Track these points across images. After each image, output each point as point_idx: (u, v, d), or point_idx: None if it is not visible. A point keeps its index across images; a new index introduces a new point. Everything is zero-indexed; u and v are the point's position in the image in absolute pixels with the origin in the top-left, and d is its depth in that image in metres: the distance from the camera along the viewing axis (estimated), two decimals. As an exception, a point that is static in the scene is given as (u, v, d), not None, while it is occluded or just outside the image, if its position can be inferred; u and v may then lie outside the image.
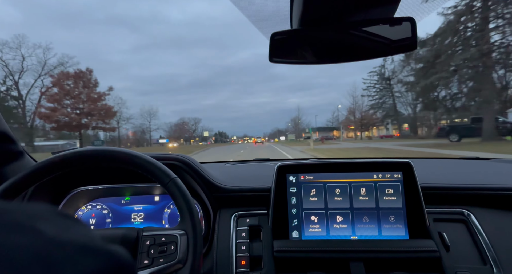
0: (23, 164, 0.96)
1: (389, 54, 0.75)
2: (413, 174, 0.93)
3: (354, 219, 0.92)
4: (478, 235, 0.90)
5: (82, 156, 0.69)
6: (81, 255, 0.23)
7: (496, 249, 0.86)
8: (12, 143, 0.86)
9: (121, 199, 1.13)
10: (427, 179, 1.02)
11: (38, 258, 0.21)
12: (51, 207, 0.27)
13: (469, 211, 0.96)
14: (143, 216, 1.11)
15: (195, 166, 1.03)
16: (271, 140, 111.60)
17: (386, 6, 0.66)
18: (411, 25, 0.69)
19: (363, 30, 0.72)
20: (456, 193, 0.99)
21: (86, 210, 1.10)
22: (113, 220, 1.10)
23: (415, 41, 0.70)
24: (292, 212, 0.93)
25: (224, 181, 1.06)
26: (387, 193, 0.92)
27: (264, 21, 0.88)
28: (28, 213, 0.25)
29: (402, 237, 0.89)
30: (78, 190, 1.09)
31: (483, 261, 0.85)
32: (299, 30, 0.75)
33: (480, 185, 0.99)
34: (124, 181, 1.11)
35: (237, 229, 0.95)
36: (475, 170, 1.34)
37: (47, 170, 0.67)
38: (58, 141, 32.68)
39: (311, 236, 0.91)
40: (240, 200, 1.02)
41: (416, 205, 0.91)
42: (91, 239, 0.26)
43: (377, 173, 0.94)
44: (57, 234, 0.24)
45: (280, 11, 0.76)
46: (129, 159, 0.68)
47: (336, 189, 0.94)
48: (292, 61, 0.80)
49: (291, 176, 0.96)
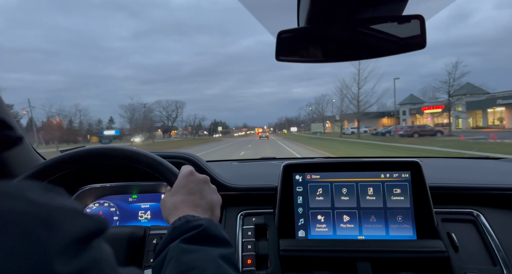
0: (22, 150, 0.97)
1: (397, 53, 0.74)
2: (421, 173, 0.91)
3: (361, 218, 0.91)
4: (488, 235, 0.88)
5: (90, 153, 0.69)
6: (75, 216, 0.26)
7: (506, 250, 0.85)
8: (11, 128, 0.87)
9: (128, 196, 1.14)
10: (436, 178, 1.01)
11: (38, 219, 0.24)
12: (36, 182, 0.29)
13: (478, 211, 0.94)
14: (150, 214, 1.12)
15: (201, 165, 1.04)
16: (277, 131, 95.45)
17: (394, 4, 0.66)
18: (420, 23, 0.68)
19: (371, 28, 0.71)
20: (465, 193, 0.97)
21: (94, 208, 1.12)
22: (120, 218, 1.11)
23: (424, 39, 0.69)
24: (298, 211, 0.93)
25: (230, 179, 1.06)
26: (395, 193, 0.91)
27: (270, 19, 0.88)
28: (15, 186, 0.27)
29: (409, 237, 0.88)
30: (85, 187, 1.11)
31: (493, 262, 0.84)
32: (306, 28, 0.74)
33: (489, 185, 0.98)
34: (131, 179, 1.12)
35: (243, 228, 0.95)
36: (485, 169, 1.32)
37: (56, 167, 0.68)
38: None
39: (317, 236, 0.91)
40: (246, 198, 1.02)
41: (424, 205, 0.90)
42: (78, 206, 0.29)
43: (385, 173, 0.93)
44: (47, 201, 0.26)
45: (287, 9, 0.76)
46: (136, 157, 0.69)
47: (343, 188, 0.93)
48: (299, 60, 0.79)
49: (297, 175, 0.95)
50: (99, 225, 0.28)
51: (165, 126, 61.71)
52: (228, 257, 0.47)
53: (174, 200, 0.59)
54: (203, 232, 0.49)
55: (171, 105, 64.65)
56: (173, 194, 0.60)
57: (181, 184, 0.61)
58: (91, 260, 0.25)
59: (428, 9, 0.80)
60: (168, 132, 60.56)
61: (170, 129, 61.71)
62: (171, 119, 63.99)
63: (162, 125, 61.17)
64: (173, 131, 62.89)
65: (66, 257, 0.23)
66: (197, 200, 0.59)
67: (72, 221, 0.26)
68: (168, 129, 61.26)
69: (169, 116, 63.67)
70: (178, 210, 0.56)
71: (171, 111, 64.40)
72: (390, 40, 0.73)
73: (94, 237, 0.27)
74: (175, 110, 65.18)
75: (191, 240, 0.48)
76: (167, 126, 61.86)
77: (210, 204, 0.61)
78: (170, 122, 63.01)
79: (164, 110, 63.36)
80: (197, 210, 0.57)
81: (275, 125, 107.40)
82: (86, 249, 0.25)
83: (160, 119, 62.46)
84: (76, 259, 0.24)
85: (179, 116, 66.86)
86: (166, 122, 62.75)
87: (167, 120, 63.64)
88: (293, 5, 0.72)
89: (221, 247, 0.49)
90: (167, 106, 63.93)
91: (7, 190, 0.26)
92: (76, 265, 0.23)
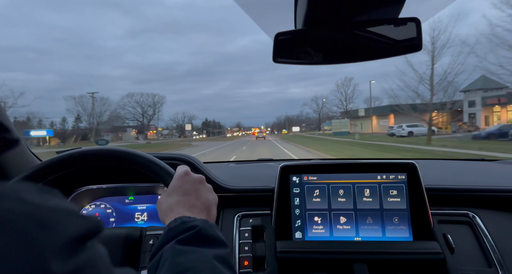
0: (18, 152, 0.96)
1: (393, 55, 0.75)
2: (417, 175, 0.92)
3: (357, 220, 0.91)
4: (483, 237, 0.89)
5: (85, 155, 0.69)
6: (70, 217, 0.27)
7: (501, 251, 0.85)
8: (6, 130, 0.87)
9: (124, 198, 1.13)
10: (432, 180, 1.01)
11: (34, 220, 0.24)
12: (31, 183, 0.30)
13: (474, 213, 0.95)
14: (146, 216, 1.12)
15: (198, 166, 1.04)
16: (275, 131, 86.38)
17: (390, 7, 0.66)
18: (416, 26, 0.68)
19: (367, 30, 0.72)
20: (461, 195, 0.98)
21: (90, 209, 1.11)
22: (116, 219, 1.11)
23: (420, 42, 0.70)
24: (295, 213, 0.93)
25: (227, 181, 1.06)
26: (391, 194, 0.92)
27: (268, 21, 0.88)
28: (11, 187, 0.27)
29: (406, 238, 0.89)
30: (82, 189, 1.10)
31: (488, 264, 0.84)
32: (303, 31, 0.75)
33: (485, 187, 0.98)
34: (128, 181, 1.12)
35: (240, 229, 0.95)
36: (480, 171, 1.33)
37: (52, 168, 0.68)
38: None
39: (314, 237, 0.91)
40: (243, 200, 1.02)
41: (420, 206, 0.90)
42: (73, 207, 0.29)
43: (381, 174, 0.93)
44: (42, 202, 0.26)
45: (284, 11, 0.76)
46: (132, 158, 0.69)
47: (340, 190, 0.93)
48: (296, 62, 0.80)
49: (294, 176, 0.96)
50: (94, 226, 0.29)
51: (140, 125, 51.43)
52: (223, 258, 0.47)
53: (170, 201, 0.59)
54: (198, 233, 0.49)
55: (147, 99, 52.18)
56: (169, 195, 0.60)
57: (176, 185, 0.61)
58: (86, 261, 0.25)
59: (424, 11, 0.80)
60: (145, 133, 50.17)
61: (148, 129, 51.52)
62: (147, 116, 52.70)
63: (139, 125, 51.25)
64: (151, 131, 52.37)
65: (62, 257, 0.23)
66: (193, 200, 0.59)
67: (68, 222, 0.26)
68: (144, 129, 50.83)
69: (144, 113, 52.34)
70: (174, 211, 0.56)
71: (147, 107, 52.63)
72: (387, 42, 0.74)
73: (89, 238, 0.28)
74: (152, 106, 52.70)
75: (186, 241, 0.47)
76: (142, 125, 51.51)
77: (206, 203, 0.61)
78: (146, 120, 52.59)
79: (138, 105, 52.04)
80: (193, 210, 0.57)
81: (272, 125, 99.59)
82: (81, 250, 0.26)
83: (133, 116, 51.71)
84: (72, 260, 0.24)
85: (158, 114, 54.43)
86: (142, 120, 51.77)
87: (142, 117, 52.31)
88: (290, 6, 0.73)
89: (217, 248, 0.49)
90: (141, 101, 51.99)
91: (2, 191, 0.26)
92: (72, 265, 0.24)
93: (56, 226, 0.25)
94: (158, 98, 51.88)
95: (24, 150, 1.00)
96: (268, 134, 62.32)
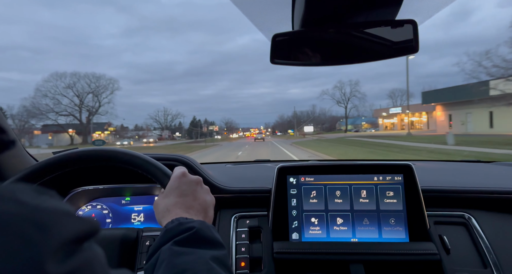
0: (15, 153, 0.95)
1: (390, 57, 0.75)
2: (413, 176, 0.92)
3: (354, 221, 0.91)
4: (479, 238, 0.89)
5: (81, 155, 0.69)
6: (67, 218, 0.26)
7: (496, 252, 0.86)
8: (3, 131, 0.86)
9: (121, 199, 1.13)
10: (428, 181, 1.02)
11: (29, 221, 0.24)
12: (27, 184, 0.29)
13: (470, 214, 0.96)
14: (143, 216, 1.11)
15: (195, 167, 1.03)
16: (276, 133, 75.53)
17: (388, 8, 0.66)
18: (413, 28, 0.69)
19: (364, 32, 0.72)
20: (457, 196, 0.98)
21: (87, 210, 1.10)
22: (113, 220, 1.10)
23: (416, 44, 0.70)
24: (292, 214, 0.93)
25: (224, 182, 1.06)
26: (388, 195, 0.92)
27: (265, 22, 0.88)
28: (6, 188, 0.27)
29: (402, 239, 0.89)
30: (78, 189, 1.09)
31: (484, 265, 0.85)
32: (301, 32, 0.75)
33: (481, 188, 0.99)
34: (124, 181, 1.11)
35: (237, 230, 0.95)
36: (476, 172, 1.34)
37: (48, 169, 0.67)
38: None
39: (311, 238, 0.91)
40: (240, 201, 1.02)
41: (416, 207, 0.90)
42: (70, 208, 0.29)
43: (378, 175, 0.94)
44: (38, 203, 0.26)
45: (282, 12, 0.76)
46: (129, 159, 0.68)
47: (337, 191, 0.93)
48: (294, 63, 0.80)
49: (291, 177, 0.96)
50: (91, 227, 0.29)
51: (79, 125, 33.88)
52: (220, 259, 0.47)
53: (167, 202, 0.59)
54: (195, 234, 0.49)
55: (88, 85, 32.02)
56: (166, 196, 0.60)
57: (173, 186, 0.61)
58: (82, 262, 0.25)
59: (421, 13, 0.81)
60: (88, 135, 34.04)
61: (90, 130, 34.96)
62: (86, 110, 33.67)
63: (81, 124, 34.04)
64: (97, 132, 36.35)
65: (58, 258, 0.23)
66: (190, 201, 0.59)
67: (64, 223, 0.26)
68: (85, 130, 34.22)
69: (82, 106, 33.46)
70: (171, 212, 0.56)
71: (85, 96, 33.08)
72: (384, 44, 0.74)
73: (86, 239, 0.27)
74: (97, 94, 32.83)
75: (183, 242, 0.47)
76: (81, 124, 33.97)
77: (203, 205, 0.60)
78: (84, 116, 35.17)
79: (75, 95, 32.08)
80: (190, 211, 0.57)
81: (274, 125, 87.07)
82: (78, 251, 0.25)
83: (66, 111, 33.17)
84: (68, 261, 0.24)
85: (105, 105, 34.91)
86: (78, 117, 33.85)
87: (78, 113, 33.85)
88: (288, 9, 0.73)
89: (214, 249, 0.48)
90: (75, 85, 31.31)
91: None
92: (68, 266, 0.24)
93: (53, 227, 0.24)
94: (107, 82, 32.28)
95: (21, 151, 0.99)
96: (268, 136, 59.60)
